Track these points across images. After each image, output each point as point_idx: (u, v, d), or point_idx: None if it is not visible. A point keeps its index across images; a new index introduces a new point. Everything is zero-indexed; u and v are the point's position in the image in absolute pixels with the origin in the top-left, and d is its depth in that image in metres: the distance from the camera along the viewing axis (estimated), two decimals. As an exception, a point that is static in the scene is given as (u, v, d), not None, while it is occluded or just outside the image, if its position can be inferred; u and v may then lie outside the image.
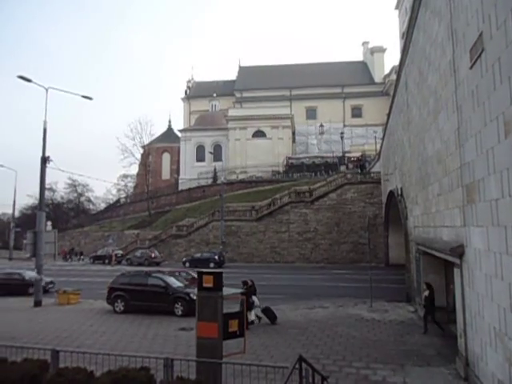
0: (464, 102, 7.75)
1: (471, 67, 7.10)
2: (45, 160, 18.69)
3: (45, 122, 18.62)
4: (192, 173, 57.19)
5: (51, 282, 22.94)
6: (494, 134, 6.09)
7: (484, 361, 7.14)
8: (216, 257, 34.97)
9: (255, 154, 54.47)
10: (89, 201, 74.81)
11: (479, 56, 6.62)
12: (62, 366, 6.87)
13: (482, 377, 7.32)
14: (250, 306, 13.43)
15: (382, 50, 67.24)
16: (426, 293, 12.40)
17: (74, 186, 70.28)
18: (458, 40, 8.04)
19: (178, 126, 65.83)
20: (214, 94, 64.37)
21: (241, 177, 52.78)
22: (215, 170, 54.23)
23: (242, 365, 6.38)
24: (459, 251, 8.32)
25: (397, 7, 58.88)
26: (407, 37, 14.68)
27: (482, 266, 7.02)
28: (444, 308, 13.28)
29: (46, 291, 20.87)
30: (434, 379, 8.65)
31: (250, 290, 13.82)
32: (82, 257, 44.93)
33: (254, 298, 13.91)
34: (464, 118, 7.81)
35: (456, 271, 9.00)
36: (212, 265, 33.65)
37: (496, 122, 5.98)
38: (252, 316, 13.64)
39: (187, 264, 34.96)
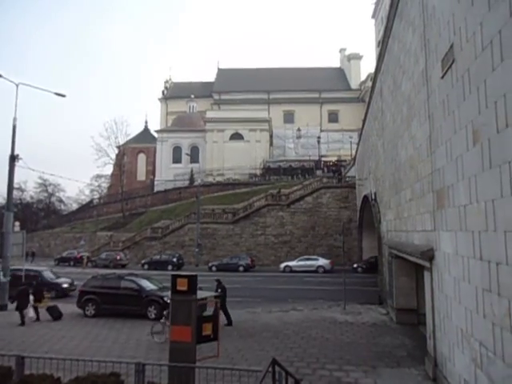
0: (435, 110, 8.00)
1: (442, 77, 7.33)
2: (13, 158, 18.02)
3: (14, 119, 17.97)
4: (168, 174, 56.47)
5: (72, 284, 21.33)
6: (463, 142, 6.30)
7: (452, 361, 7.35)
8: (174, 259, 35.04)
9: (232, 156, 54.35)
10: (60, 201, 72.52)
11: (450, 66, 6.85)
12: (27, 372, 6.60)
13: (449, 377, 7.54)
14: (26, 304, 14.49)
15: (358, 57, 68.64)
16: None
17: (44, 185, 67.97)
18: (430, 50, 8.30)
19: (154, 126, 64.98)
20: (192, 95, 63.90)
21: (218, 179, 52.53)
22: (192, 171, 53.75)
23: (215, 369, 6.31)
24: (429, 255, 8.55)
25: (373, 16, 60.41)
26: (383, 45, 15.05)
27: (451, 269, 7.23)
28: (415, 310, 13.62)
29: (65, 295, 20.16)
30: (403, 380, 8.83)
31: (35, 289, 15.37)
32: None
33: (31, 296, 14.84)
34: (435, 126, 8.05)
35: (426, 274, 9.24)
36: (170, 267, 33.63)
37: (465, 131, 6.19)
38: (30, 313, 14.51)
39: (146, 266, 35.02)
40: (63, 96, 19.93)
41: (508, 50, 4.65)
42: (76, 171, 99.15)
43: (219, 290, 13.86)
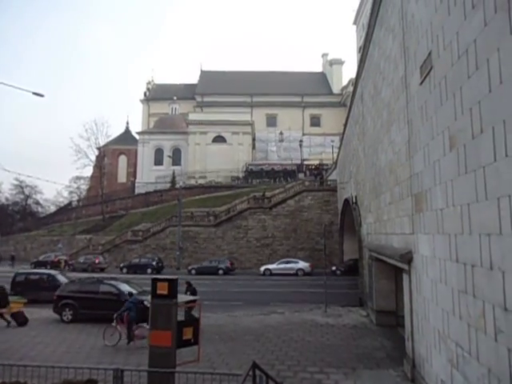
0: (414, 115, 8.17)
1: (421, 83, 7.50)
2: (-12, 159, 17.52)
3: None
4: (149, 176, 55.84)
5: None
6: (440, 147, 6.46)
7: (429, 362, 7.49)
8: (154, 262, 34.81)
9: (215, 159, 54.19)
10: (37, 203, 70.50)
11: (428, 73, 7.01)
12: (-1, 380, 6.39)
13: (427, 378, 7.67)
14: None
15: (340, 62, 69.61)
16: None
17: (20, 187, 66.01)
18: (409, 57, 8.49)
19: (136, 128, 64.16)
20: (175, 97, 63.46)
21: (200, 182, 52.26)
22: (174, 174, 53.30)
23: (195, 373, 6.24)
24: (408, 257, 8.71)
25: (355, 22, 61.51)
26: (363, 51, 15.31)
27: (429, 271, 7.38)
28: (394, 312, 13.83)
29: None
30: (383, 381, 8.95)
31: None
32: None
33: None
34: (414, 131, 8.23)
35: (405, 277, 9.40)
36: (150, 270, 33.45)
37: (442, 136, 6.35)
38: None
39: (124, 270, 34.70)
40: (41, 96, 19.47)
41: (482, 59, 4.80)
42: (55, 173, 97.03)
43: (188, 293, 13.58)
